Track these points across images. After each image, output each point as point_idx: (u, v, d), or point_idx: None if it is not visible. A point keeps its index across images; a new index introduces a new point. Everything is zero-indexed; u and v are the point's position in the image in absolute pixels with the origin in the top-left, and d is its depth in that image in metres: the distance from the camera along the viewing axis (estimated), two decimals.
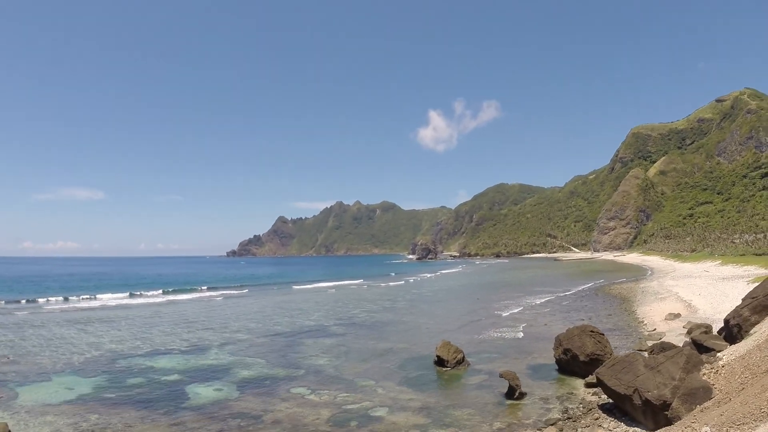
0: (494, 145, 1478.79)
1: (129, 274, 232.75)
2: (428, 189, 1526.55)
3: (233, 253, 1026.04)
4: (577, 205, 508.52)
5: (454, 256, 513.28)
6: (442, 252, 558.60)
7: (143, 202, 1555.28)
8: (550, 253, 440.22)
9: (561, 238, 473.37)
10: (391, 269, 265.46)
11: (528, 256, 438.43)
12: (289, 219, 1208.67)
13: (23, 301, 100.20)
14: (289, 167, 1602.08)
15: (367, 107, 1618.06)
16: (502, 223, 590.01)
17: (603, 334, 37.27)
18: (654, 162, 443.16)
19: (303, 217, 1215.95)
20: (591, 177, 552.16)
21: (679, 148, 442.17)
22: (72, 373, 40.45)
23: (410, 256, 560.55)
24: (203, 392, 34.74)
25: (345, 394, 33.61)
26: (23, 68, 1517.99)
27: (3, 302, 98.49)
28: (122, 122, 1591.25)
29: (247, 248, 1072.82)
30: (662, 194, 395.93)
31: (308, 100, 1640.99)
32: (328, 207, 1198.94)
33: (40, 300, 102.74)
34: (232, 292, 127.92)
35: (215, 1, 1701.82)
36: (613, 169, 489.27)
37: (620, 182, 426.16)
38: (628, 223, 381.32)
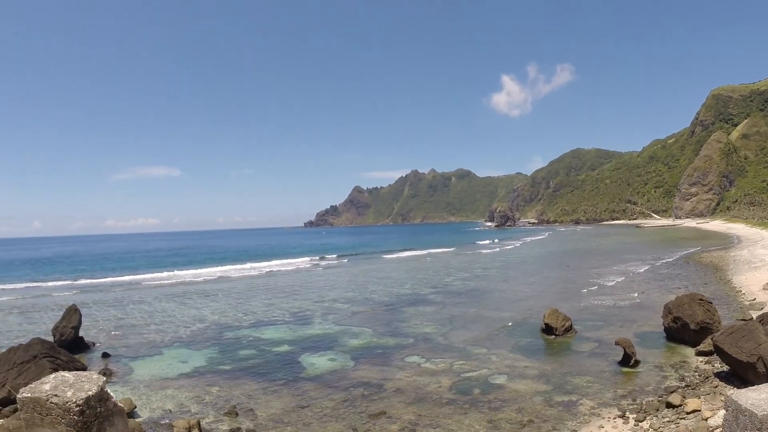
0: (569, 109, 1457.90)
1: (213, 248, 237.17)
2: (503, 155, 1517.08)
3: (311, 223, 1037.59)
4: (657, 170, 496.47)
5: (533, 223, 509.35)
6: (519, 219, 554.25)
7: (218, 177, 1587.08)
8: (630, 219, 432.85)
9: (641, 205, 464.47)
10: (473, 236, 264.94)
11: (608, 222, 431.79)
12: (365, 189, 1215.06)
13: (117, 278, 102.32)
14: (364, 137, 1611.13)
15: (440, 74, 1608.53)
16: (579, 189, 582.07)
17: (711, 303, 36.18)
18: (736, 125, 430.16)
19: (378, 187, 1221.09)
20: (670, 141, 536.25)
21: (762, 110, 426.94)
22: (182, 346, 40.81)
23: (488, 224, 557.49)
24: (318, 362, 34.60)
25: (461, 362, 33.11)
26: (99, 59, 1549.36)
27: (99, 279, 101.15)
28: (193, 101, 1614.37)
29: (324, 218, 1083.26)
30: (745, 159, 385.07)
31: (380, 70, 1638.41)
32: (404, 176, 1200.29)
33: (134, 276, 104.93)
34: (320, 261, 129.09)
35: None
36: (693, 132, 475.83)
37: (701, 146, 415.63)
38: (710, 189, 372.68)
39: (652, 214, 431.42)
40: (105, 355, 38.16)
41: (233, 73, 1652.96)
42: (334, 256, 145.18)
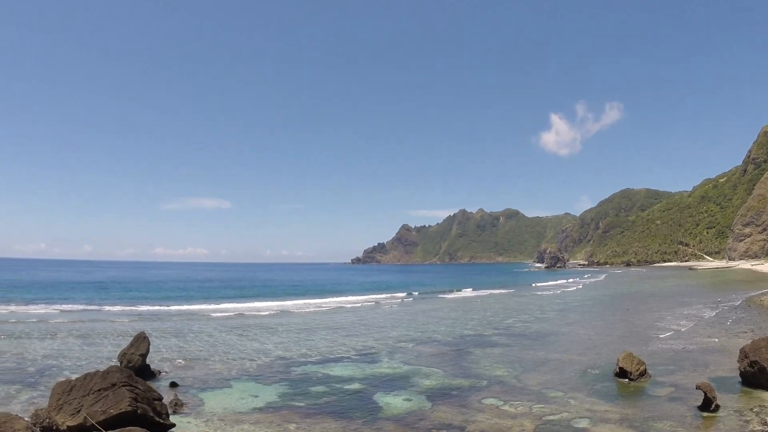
0: (618, 148, 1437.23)
1: (266, 281, 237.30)
2: (551, 195, 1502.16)
3: (358, 260, 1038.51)
4: (709, 211, 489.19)
5: (582, 265, 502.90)
6: (568, 260, 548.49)
7: (267, 210, 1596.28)
8: (682, 261, 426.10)
9: (693, 246, 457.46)
10: (525, 278, 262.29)
11: (659, 264, 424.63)
12: (413, 227, 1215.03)
13: (174, 307, 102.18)
14: (412, 175, 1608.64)
15: (489, 113, 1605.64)
16: (630, 230, 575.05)
17: None
18: None
19: (426, 225, 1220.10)
20: (722, 180, 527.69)
21: None
22: (250, 379, 39.85)
23: (537, 265, 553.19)
24: (393, 402, 33.44)
25: (539, 405, 31.86)
26: (156, 91, 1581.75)
27: (156, 306, 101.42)
28: (246, 136, 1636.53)
29: (372, 255, 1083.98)
30: None
31: (429, 109, 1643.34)
32: (452, 215, 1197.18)
33: (190, 306, 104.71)
34: (376, 299, 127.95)
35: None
36: (745, 171, 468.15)
37: (754, 185, 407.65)
38: (764, 230, 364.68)
39: (705, 256, 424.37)
40: (173, 385, 37.42)
41: (285, 112, 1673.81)
42: (389, 294, 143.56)
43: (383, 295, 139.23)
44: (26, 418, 25.88)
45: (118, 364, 40.62)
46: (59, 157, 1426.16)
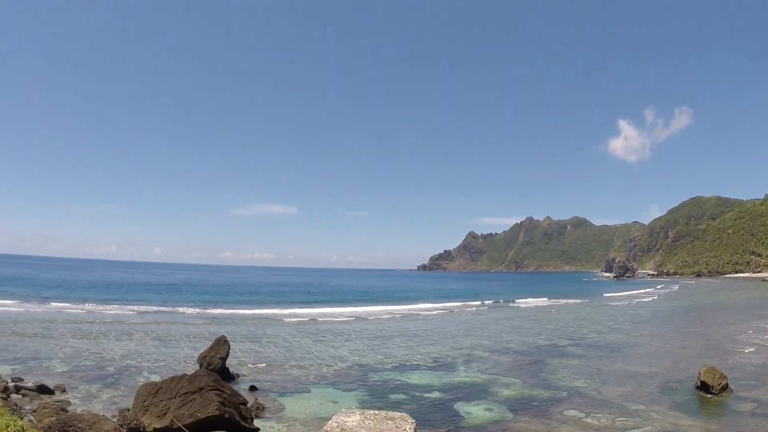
0: (688, 154, 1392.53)
1: (334, 287, 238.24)
2: (619, 203, 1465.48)
3: (423, 267, 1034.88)
4: None
5: (651, 275, 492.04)
6: (636, 270, 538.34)
7: (333, 217, 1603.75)
8: (754, 272, 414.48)
9: (766, 257, 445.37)
10: (594, 287, 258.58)
11: (730, 275, 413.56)
12: (479, 234, 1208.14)
13: (247, 311, 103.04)
14: (478, 182, 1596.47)
15: (556, 119, 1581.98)
16: (700, 239, 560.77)
17: None
18: None
19: (493, 233, 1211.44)
20: None
21: None
22: (328, 385, 39.85)
23: (605, 274, 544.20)
24: (474, 411, 33.01)
25: (622, 418, 31.36)
26: (229, 101, 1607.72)
27: (228, 310, 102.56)
28: (314, 142, 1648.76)
29: (438, 263, 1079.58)
30: None
31: (496, 113, 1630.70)
32: (518, 222, 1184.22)
33: (262, 310, 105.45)
34: (445, 307, 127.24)
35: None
36: None
37: None
38: None
39: None
40: (252, 389, 37.61)
41: (351, 120, 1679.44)
42: (460, 303, 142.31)
43: (455, 303, 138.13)
44: (113, 419, 26.14)
45: (198, 367, 41.07)
46: (133, 166, 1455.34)
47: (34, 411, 28.18)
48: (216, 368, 39.29)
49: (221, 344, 41.37)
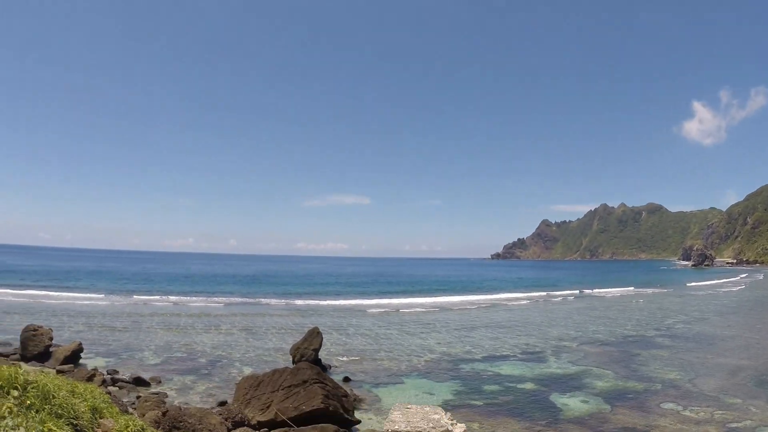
0: (765, 136, 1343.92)
1: (411, 276, 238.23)
2: (695, 188, 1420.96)
3: (497, 255, 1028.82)
4: None
5: (731, 263, 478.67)
6: (714, 258, 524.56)
7: (405, 206, 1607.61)
8: None
9: None
10: (674, 276, 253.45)
11: None
12: (553, 222, 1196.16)
13: (330, 302, 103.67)
14: (551, 169, 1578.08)
15: (628, 103, 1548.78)
16: None
17: None
18: None
19: (567, 221, 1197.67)
20: None
21: None
22: (420, 376, 39.96)
23: (683, 262, 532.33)
24: (571, 403, 32.78)
25: (720, 412, 30.72)
26: (311, 98, 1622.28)
27: (311, 301, 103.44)
28: (381, 134, 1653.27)
29: (511, 251, 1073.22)
30: None
31: (567, 99, 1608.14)
32: (592, 210, 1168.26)
33: (343, 301, 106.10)
34: (527, 296, 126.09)
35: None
36: None
37: None
38: None
39: None
40: (346, 380, 37.90)
41: (422, 110, 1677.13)
42: (542, 292, 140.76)
43: (538, 293, 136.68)
44: (214, 411, 26.55)
45: (291, 358, 41.61)
46: (208, 161, 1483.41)
47: (133, 403, 28.97)
48: (309, 360, 39.71)
49: (314, 336, 41.81)
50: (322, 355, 46.11)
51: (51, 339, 42.48)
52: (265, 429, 25.86)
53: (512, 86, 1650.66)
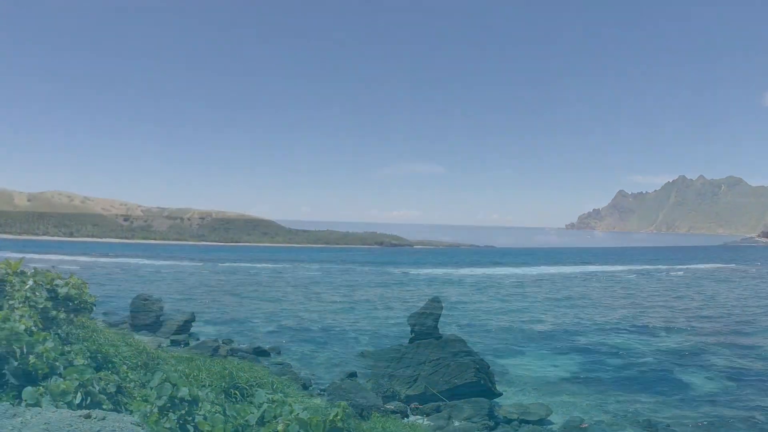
0: None
1: (495, 247, 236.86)
2: None
3: (572, 225, 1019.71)
4: None
5: None
6: None
7: (479, 175, 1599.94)
8: None
9: None
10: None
11: None
12: (629, 193, 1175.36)
13: (419, 270, 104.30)
14: (628, 138, 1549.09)
15: (709, 70, 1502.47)
16: None
17: None
18: None
19: (644, 192, 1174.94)
20: None
21: None
22: (539, 347, 41.19)
23: (764, 239, 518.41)
24: (696, 380, 33.09)
25: None
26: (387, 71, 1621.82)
27: (402, 270, 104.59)
28: (455, 104, 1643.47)
29: (586, 221, 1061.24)
30: None
31: (645, 67, 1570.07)
32: (670, 181, 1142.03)
33: (436, 269, 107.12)
34: (629, 269, 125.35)
35: None
36: None
37: None
38: None
39: None
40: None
41: (496, 79, 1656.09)
42: (647, 266, 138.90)
43: (640, 267, 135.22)
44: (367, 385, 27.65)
45: (409, 328, 42.54)
46: (284, 132, 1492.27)
47: None
48: (430, 330, 40.57)
49: (434, 305, 42.58)
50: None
51: (161, 308, 44.14)
52: (415, 402, 26.79)
53: (592, 53, 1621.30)
